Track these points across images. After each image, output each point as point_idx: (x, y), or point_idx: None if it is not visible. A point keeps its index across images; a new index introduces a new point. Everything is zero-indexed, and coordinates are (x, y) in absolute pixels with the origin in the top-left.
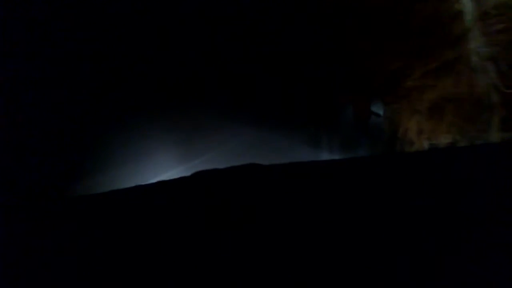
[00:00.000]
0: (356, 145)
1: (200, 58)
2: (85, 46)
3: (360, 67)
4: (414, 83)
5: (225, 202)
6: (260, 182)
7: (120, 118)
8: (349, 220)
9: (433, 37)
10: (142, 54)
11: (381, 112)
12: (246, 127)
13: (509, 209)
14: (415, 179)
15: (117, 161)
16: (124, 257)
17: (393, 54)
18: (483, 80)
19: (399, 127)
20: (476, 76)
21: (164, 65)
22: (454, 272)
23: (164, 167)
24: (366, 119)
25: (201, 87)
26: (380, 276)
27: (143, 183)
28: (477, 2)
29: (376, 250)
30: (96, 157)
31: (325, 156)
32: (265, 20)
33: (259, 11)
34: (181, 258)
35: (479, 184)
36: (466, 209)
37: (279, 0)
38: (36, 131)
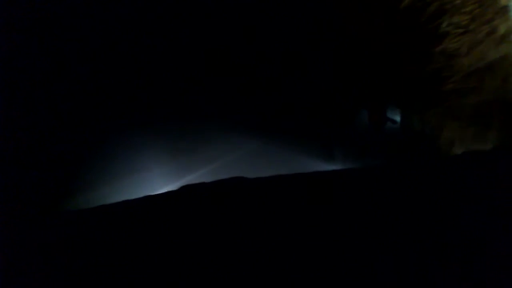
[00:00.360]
0: (369, 154)
1: (202, 67)
2: (86, 58)
3: (385, 69)
4: (454, 86)
5: (212, 215)
6: (246, 195)
7: (122, 129)
8: (335, 231)
9: (476, 35)
10: (143, 65)
11: (398, 119)
12: (251, 137)
13: None
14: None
15: (119, 173)
16: (109, 270)
17: (430, 55)
18: None
19: (434, 135)
20: None
21: (167, 76)
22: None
23: (168, 178)
24: (382, 126)
25: (205, 98)
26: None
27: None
28: None
29: (366, 261)
30: (97, 170)
31: (334, 166)
32: (273, 24)
33: (267, 17)
34: (167, 270)
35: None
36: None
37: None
38: (36, 142)
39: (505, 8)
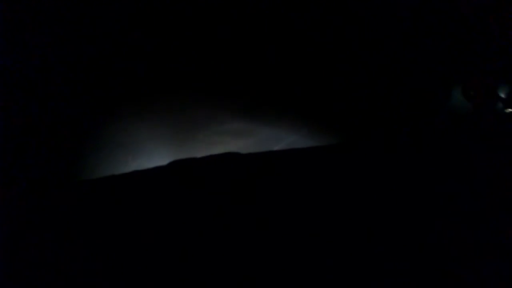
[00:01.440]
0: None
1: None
2: (81, 46)
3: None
4: None
5: (202, 191)
6: (237, 170)
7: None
8: (325, 209)
9: None
10: (135, 52)
11: None
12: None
13: None
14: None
15: (116, 161)
16: (94, 250)
17: None
18: None
19: None
20: None
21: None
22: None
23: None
24: (490, 107)
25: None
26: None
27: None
28: None
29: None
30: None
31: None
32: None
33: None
34: (155, 248)
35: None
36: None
37: None
38: (28, 128)
39: None
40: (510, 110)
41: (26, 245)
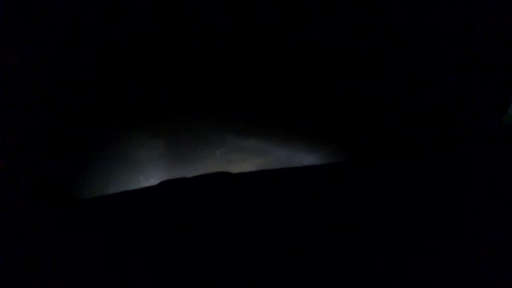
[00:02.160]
0: None
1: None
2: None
3: None
4: None
5: (191, 210)
6: (228, 190)
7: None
8: (314, 225)
9: None
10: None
11: None
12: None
13: None
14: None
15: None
16: (86, 261)
17: None
18: None
19: None
20: None
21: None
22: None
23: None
24: None
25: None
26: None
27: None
28: None
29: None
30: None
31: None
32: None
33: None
34: (144, 262)
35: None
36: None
37: None
38: (37, 136)
39: None
40: None
41: (38, 257)
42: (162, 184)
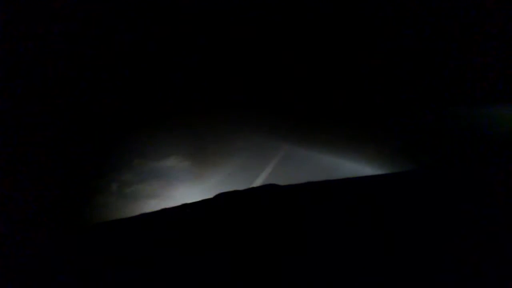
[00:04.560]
0: None
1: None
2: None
3: None
4: None
5: (247, 221)
6: (278, 201)
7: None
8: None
9: None
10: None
11: None
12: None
13: None
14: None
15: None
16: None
17: None
18: None
19: None
20: None
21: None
22: None
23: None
24: None
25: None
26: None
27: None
28: None
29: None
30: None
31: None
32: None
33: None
34: (205, 274)
35: None
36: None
37: None
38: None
39: None
40: None
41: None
42: (219, 197)
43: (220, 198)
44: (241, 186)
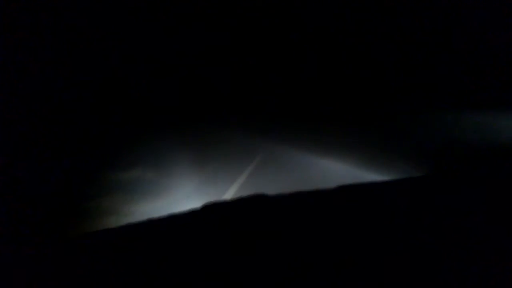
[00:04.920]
0: None
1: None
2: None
3: None
4: None
5: (235, 232)
6: (267, 212)
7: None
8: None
9: None
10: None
11: None
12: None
13: None
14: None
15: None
16: None
17: None
18: None
19: None
20: None
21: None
22: None
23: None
24: None
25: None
26: None
27: (154, 217)
28: None
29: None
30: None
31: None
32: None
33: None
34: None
35: None
36: None
37: None
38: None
39: None
40: None
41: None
42: (206, 208)
43: (208, 209)
44: (211, 198)
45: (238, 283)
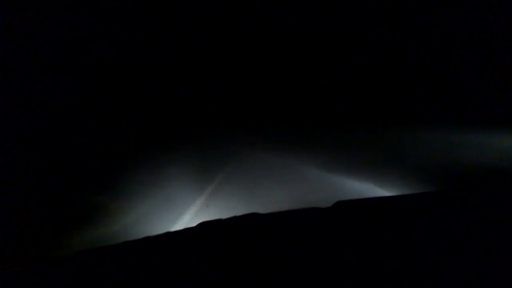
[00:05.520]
0: None
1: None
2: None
3: None
4: None
5: (229, 249)
6: (259, 230)
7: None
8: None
9: None
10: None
11: None
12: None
13: None
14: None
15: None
16: None
17: None
18: None
19: None
20: None
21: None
22: None
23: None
24: None
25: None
26: None
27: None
28: None
29: None
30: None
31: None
32: None
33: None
34: None
35: None
36: None
37: None
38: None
39: None
40: None
41: None
42: (201, 226)
43: (203, 227)
44: (167, 222)
45: None
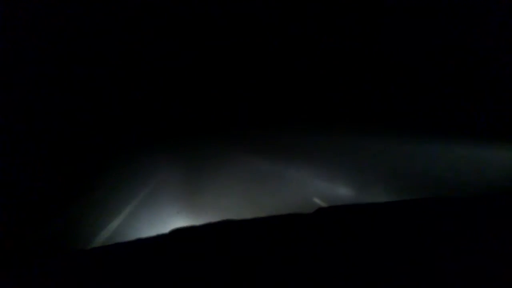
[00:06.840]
0: None
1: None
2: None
3: None
4: None
5: (202, 258)
6: (235, 237)
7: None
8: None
9: None
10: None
11: None
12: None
13: None
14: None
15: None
16: None
17: None
18: None
19: None
20: None
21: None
22: None
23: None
24: None
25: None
26: None
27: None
28: None
29: None
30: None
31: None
32: None
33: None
34: None
35: None
36: None
37: None
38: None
39: None
40: None
41: None
42: (173, 233)
43: (176, 233)
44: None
45: None
